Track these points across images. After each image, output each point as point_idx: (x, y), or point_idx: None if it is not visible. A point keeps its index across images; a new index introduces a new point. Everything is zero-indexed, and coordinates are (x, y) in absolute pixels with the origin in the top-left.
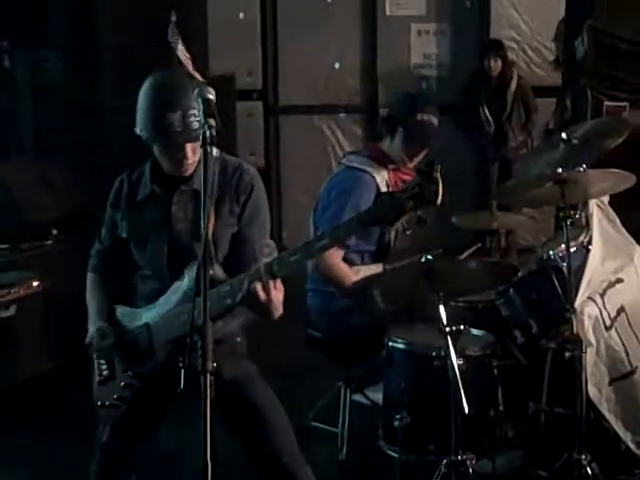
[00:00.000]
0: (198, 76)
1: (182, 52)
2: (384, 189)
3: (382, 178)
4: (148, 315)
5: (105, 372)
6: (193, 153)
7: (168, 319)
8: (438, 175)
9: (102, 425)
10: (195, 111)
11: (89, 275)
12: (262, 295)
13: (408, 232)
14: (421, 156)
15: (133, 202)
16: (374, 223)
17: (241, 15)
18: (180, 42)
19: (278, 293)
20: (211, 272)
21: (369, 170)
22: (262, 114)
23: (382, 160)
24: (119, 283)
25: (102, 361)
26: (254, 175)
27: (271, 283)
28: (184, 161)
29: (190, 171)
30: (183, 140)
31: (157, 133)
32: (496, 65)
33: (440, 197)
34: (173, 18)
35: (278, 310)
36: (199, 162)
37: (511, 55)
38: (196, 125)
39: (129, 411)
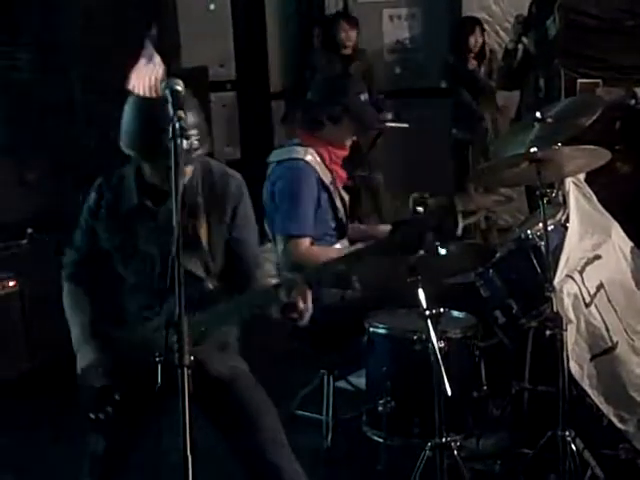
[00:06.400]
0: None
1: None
2: (318, 168)
3: (313, 158)
4: (139, 329)
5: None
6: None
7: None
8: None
9: (94, 436)
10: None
11: (67, 287)
12: (301, 305)
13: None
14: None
15: (118, 213)
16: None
17: (212, 6)
18: (156, 55)
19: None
20: (210, 286)
21: (297, 156)
22: (236, 104)
23: (311, 143)
24: (101, 295)
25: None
26: (241, 182)
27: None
28: None
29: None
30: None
31: (146, 156)
32: (481, 41)
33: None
34: (153, 32)
35: (309, 315)
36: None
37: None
38: (187, 147)
39: (122, 418)
